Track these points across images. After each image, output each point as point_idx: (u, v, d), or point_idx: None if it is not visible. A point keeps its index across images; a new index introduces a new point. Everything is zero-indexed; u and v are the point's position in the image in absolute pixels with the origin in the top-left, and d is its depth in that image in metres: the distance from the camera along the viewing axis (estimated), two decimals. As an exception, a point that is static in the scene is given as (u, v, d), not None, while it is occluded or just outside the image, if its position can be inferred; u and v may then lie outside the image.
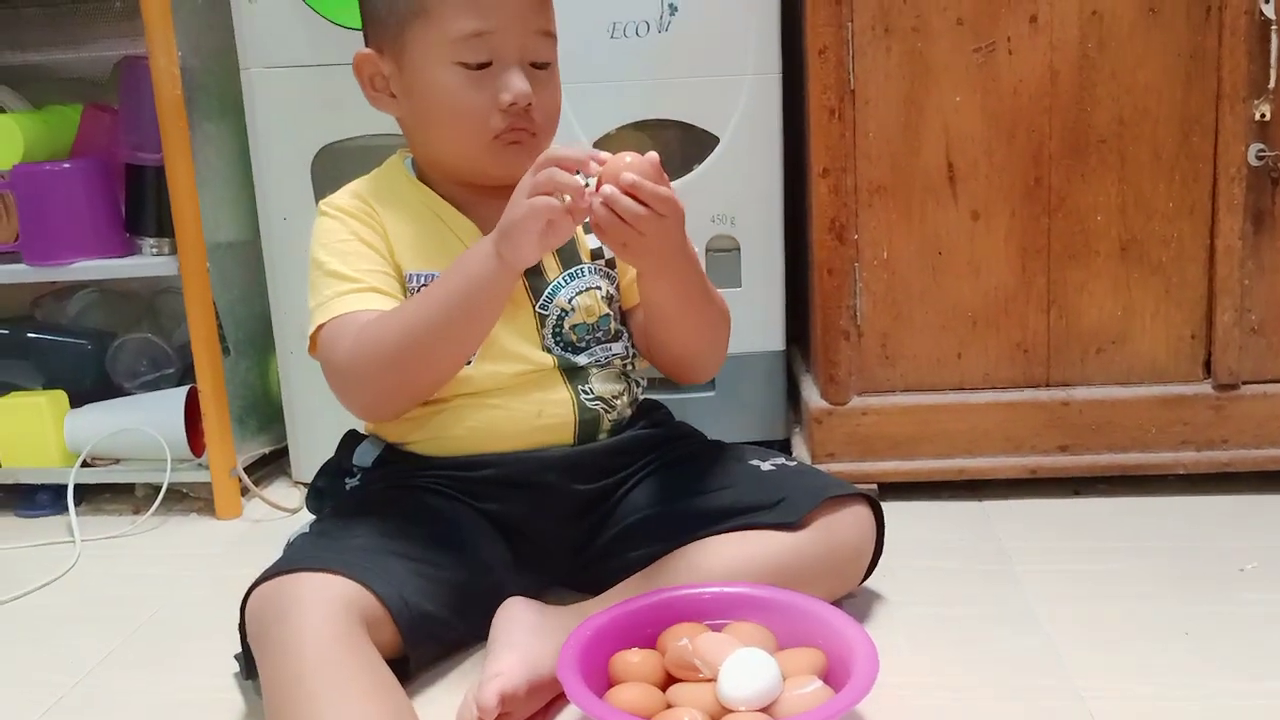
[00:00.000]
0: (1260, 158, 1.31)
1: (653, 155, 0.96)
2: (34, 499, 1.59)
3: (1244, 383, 1.37)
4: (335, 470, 1.19)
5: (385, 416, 1.12)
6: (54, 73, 1.79)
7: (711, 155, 1.48)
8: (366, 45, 1.11)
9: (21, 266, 1.56)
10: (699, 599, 0.99)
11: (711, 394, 1.54)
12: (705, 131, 1.47)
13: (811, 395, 1.45)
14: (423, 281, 1.08)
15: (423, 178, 1.14)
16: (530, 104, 1.05)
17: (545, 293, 1.11)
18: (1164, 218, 1.35)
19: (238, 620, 0.97)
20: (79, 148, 1.63)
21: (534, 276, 1.10)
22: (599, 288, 1.14)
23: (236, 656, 1.01)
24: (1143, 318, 1.37)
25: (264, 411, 1.67)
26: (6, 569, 1.38)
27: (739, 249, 1.50)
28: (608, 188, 0.94)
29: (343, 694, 0.84)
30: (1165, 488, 1.39)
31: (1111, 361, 1.39)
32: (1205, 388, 1.37)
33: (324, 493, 1.19)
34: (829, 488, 1.08)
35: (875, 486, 1.39)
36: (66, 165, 1.56)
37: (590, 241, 1.15)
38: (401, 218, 1.10)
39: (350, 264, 1.07)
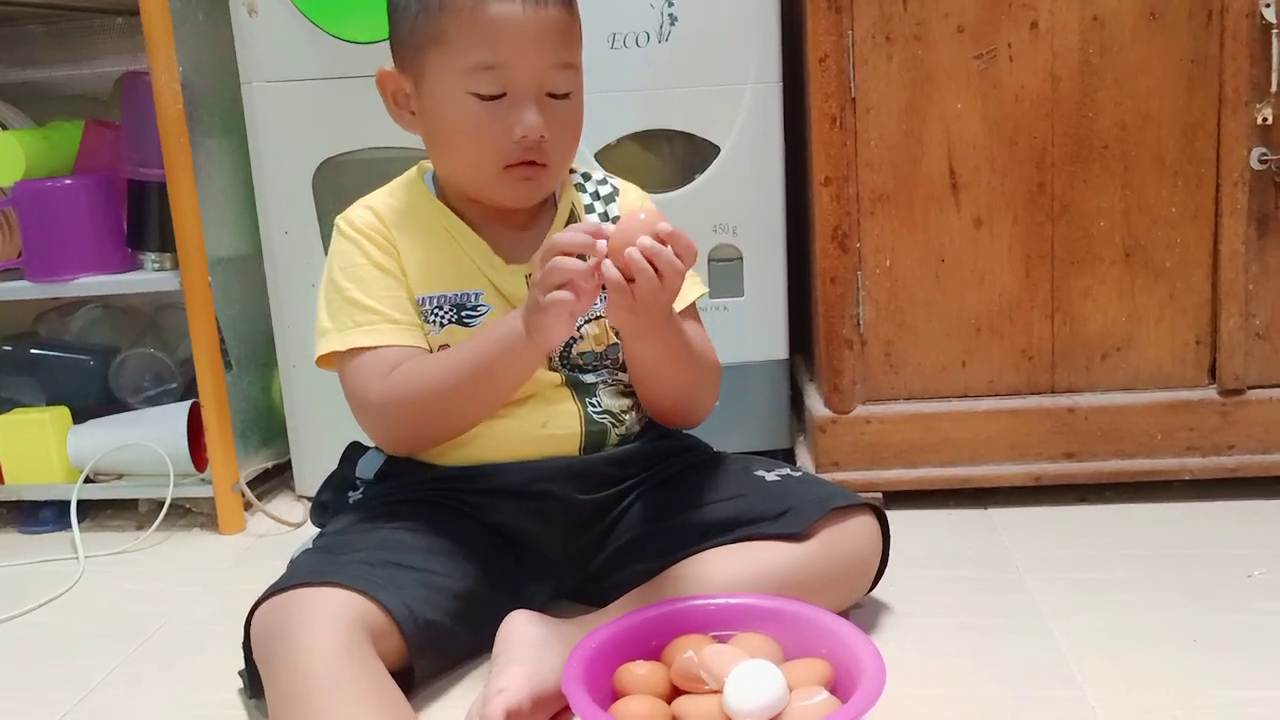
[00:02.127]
0: (1263, 161, 1.31)
1: (659, 216, 0.94)
2: (37, 515, 1.58)
3: (1250, 388, 1.36)
4: (339, 483, 1.19)
5: (411, 452, 1.13)
6: (56, 89, 1.80)
7: (713, 165, 1.48)
8: (393, 61, 1.11)
9: (24, 283, 1.56)
10: (704, 610, 0.98)
11: (715, 403, 1.53)
12: (706, 141, 1.47)
13: (815, 404, 1.44)
14: (435, 304, 1.09)
15: (441, 193, 1.14)
16: (542, 136, 1.04)
17: None
18: (1167, 223, 1.34)
19: (242, 638, 0.97)
20: (81, 164, 1.63)
21: None
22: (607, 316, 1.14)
23: (240, 673, 1.01)
24: (1147, 323, 1.37)
25: (267, 426, 1.66)
26: (10, 586, 1.38)
27: (741, 258, 1.49)
28: (645, 240, 0.92)
29: (349, 709, 0.84)
30: (1172, 494, 1.38)
31: (1117, 367, 1.38)
32: (1211, 393, 1.37)
33: (328, 506, 1.19)
34: (834, 498, 1.07)
35: (880, 495, 1.38)
36: (69, 182, 1.56)
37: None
38: (416, 239, 1.11)
39: (368, 290, 1.08)
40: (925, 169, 1.35)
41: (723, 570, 1.02)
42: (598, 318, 1.13)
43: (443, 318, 1.09)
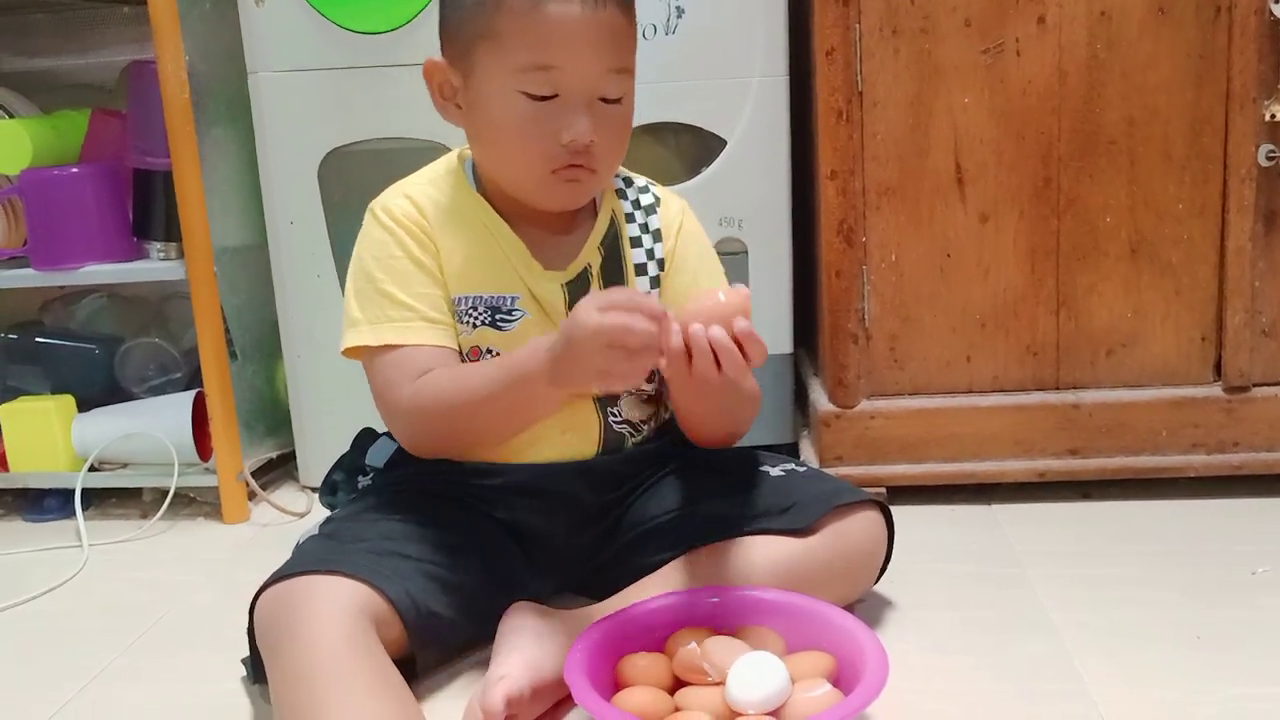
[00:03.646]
0: (1270, 158, 1.30)
1: (738, 304, 0.91)
2: (42, 503, 1.59)
3: (1255, 385, 1.36)
4: (350, 466, 1.19)
5: (434, 456, 1.10)
6: (62, 78, 1.80)
7: (719, 158, 1.47)
8: (441, 52, 1.07)
9: (30, 271, 1.57)
10: (707, 602, 0.98)
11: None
12: (712, 134, 1.47)
13: (819, 398, 1.44)
14: (469, 304, 1.07)
15: (481, 185, 1.11)
16: (591, 141, 1.01)
17: None
18: (1174, 219, 1.34)
19: (246, 624, 0.97)
20: (87, 153, 1.63)
21: None
22: None
23: (244, 661, 1.01)
24: (1153, 319, 1.37)
25: (271, 416, 1.66)
26: (14, 573, 1.38)
27: (747, 252, 1.49)
28: (717, 331, 0.90)
29: (351, 696, 0.84)
30: (1176, 491, 1.38)
31: (1122, 364, 1.38)
32: (1216, 390, 1.37)
33: (338, 487, 1.19)
34: (840, 494, 1.07)
35: (884, 490, 1.38)
36: (75, 170, 1.56)
37: (639, 284, 1.12)
38: (455, 237, 1.07)
39: (403, 286, 1.06)
40: (931, 163, 1.35)
41: (728, 565, 1.02)
42: None
43: (476, 319, 1.07)
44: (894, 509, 1.12)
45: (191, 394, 1.56)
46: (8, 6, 1.75)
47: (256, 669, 0.96)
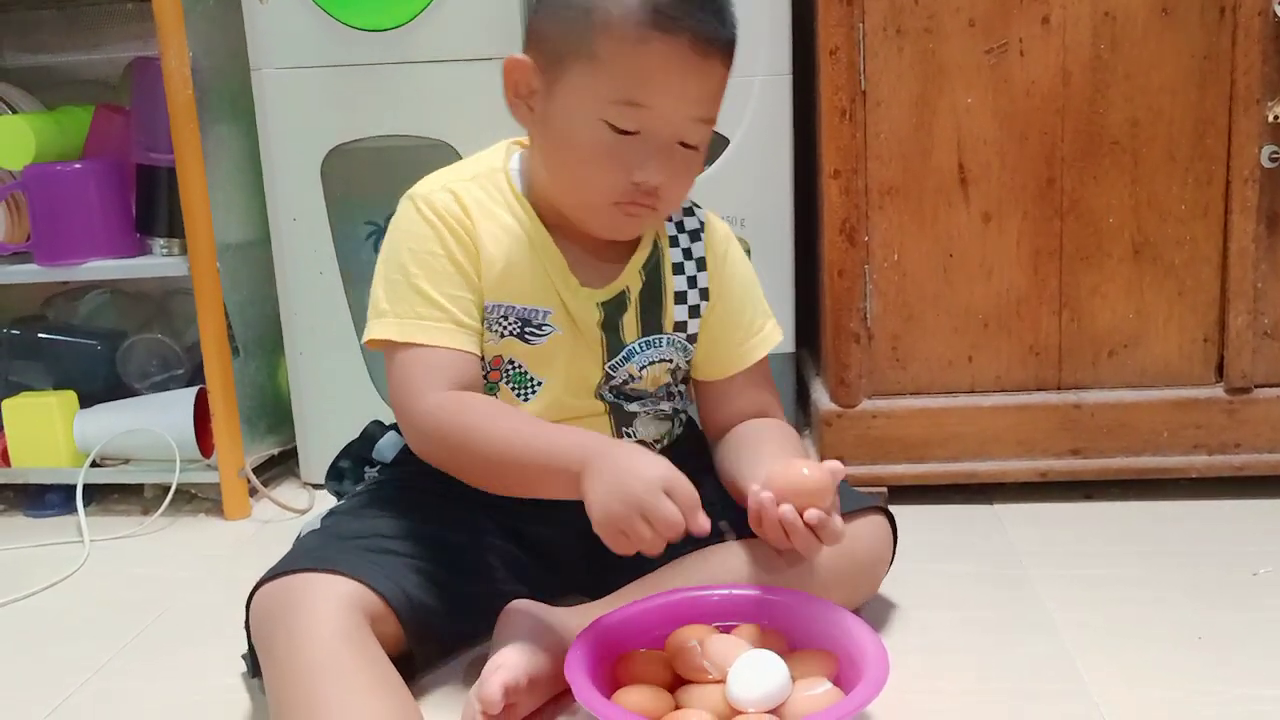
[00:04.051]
0: (1274, 159, 1.30)
1: (819, 489, 0.91)
2: (43, 499, 1.59)
3: (1257, 386, 1.36)
4: (357, 454, 1.19)
5: (436, 466, 1.07)
6: (66, 74, 1.80)
7: (722, 156, 1.47)
8: (524, 50, 1.03)
9: (33, 266, 1.57)
10: (708, 600, 0.98)
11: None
12: (716, 133, 1.46)
13: (821, 398, 1.44)
14: (500, 313, 1.04)
15: (526, 188, 1.07)
16: (660, 184, 0.99)
17: (620, 354, 1.08)
18: (1177, 220, 1.34)
19: (243, 619, 0.97)
20: (91, 148, 1.63)
21: (611, 334, 1.07)
22: (671, 360, 1.11)
23: (244, 656, 1.01)
24: (1155, 320, 1.37)
25: (273, 412, 1.66)
26: (15, 569, 1.38)
27: (749, 251, 1.49)
28: (787, 510, 0.90)
29: (347, 692, 0.84)
30: (1178, 492, 1.38)
31: (1124, 364, 1.38)
32: (1218, 391, 1.37)
33: (345, 474, 1.19)
34: (847, 501, 1.06)
35: (885, 490, 1.38)
36: (78, 166, 1.56)
37: (677, 313, 1.10)
38: (496, 242, 1.04)
39: (437, 285, 1.02)
40: (935, 163, 1.35)
41: (730, 567, 1.02)
42: (662, 361, 1.10)
43: (505, 329, 1.04)
44: (895, 508, 1.12)
45: (193, 390, 1.56)
46: (13, 2, 1.75)
47: (255, 664, 0.96)
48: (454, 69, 1.48)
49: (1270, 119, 1.29)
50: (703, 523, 0.87)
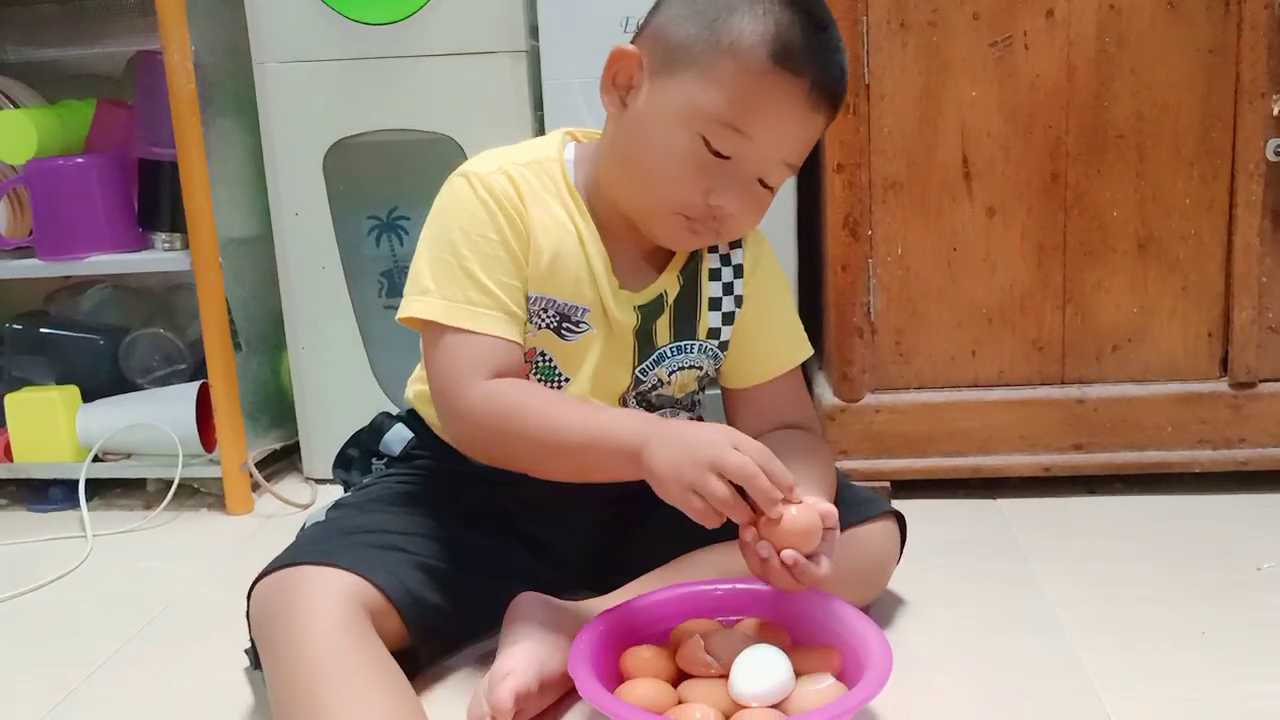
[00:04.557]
0: (1279, 153, 1.30)
1: (815, 517, 0.88)
2: (46, 494, 1.59)
3: (1261, 381, 1.36)
4: (365, 445, 1.18)
5: (471, 455, 1.07)
6: (69, 68, 1.79)
7: (725, 151, 1.47)
8: (634, 42, 1.00)
9: (35, 261, 1.57)
10: (711, 595, 0.98)
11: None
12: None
13: (824, 393, 1.44)
14: (541, 305, 1.02)
15: (581, 180, 1.05)
16: (733, 213, 0.99)
17: (651, 359, 1.07)
18: (1182, 214, 1.33)
19: (245, 610, 0.97)
20: (93, 143, 1.63)
21: (644, 338, 1.06)
22: (700, 367, 1.10)
23: (247, 651, 1.01)
24: (1160, 315, 1.36)
25: (276, 407, 1.66)
26: (19, 563, 1.38)
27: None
28: (763, 548, 0.88)
29: (348, 687, 0.84)
30: (1181, 487, 1.37)
31: (1128, 359, 1.38)
32: (1222, 386, 1.36)
33: (353, 463, 1.19)
34: (863, 508, 1.06)
35: (888, 485, 1.38)
36: (80, 160, 1.56)
37: (711, 319, 1.09)
38: (547, 233, 1.01)
39: (490, 271, 0.99)
40: (939, 157, 1.34)
41: (736, 563, 1.01)
42: (692, 368, 1.09)
43: (544, 321, 1.03)
44: (899, 503, 1.11)
45: (196, 385, 1.56)
46: (15, -3, 1.75)
47: (258, 658, 0.96)
48: (457, 63, 1.48)
49: (1276, 113, 1.29)
50: (779, 470, 0.86)
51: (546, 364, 1.05)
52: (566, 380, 1.05)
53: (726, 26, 0.94)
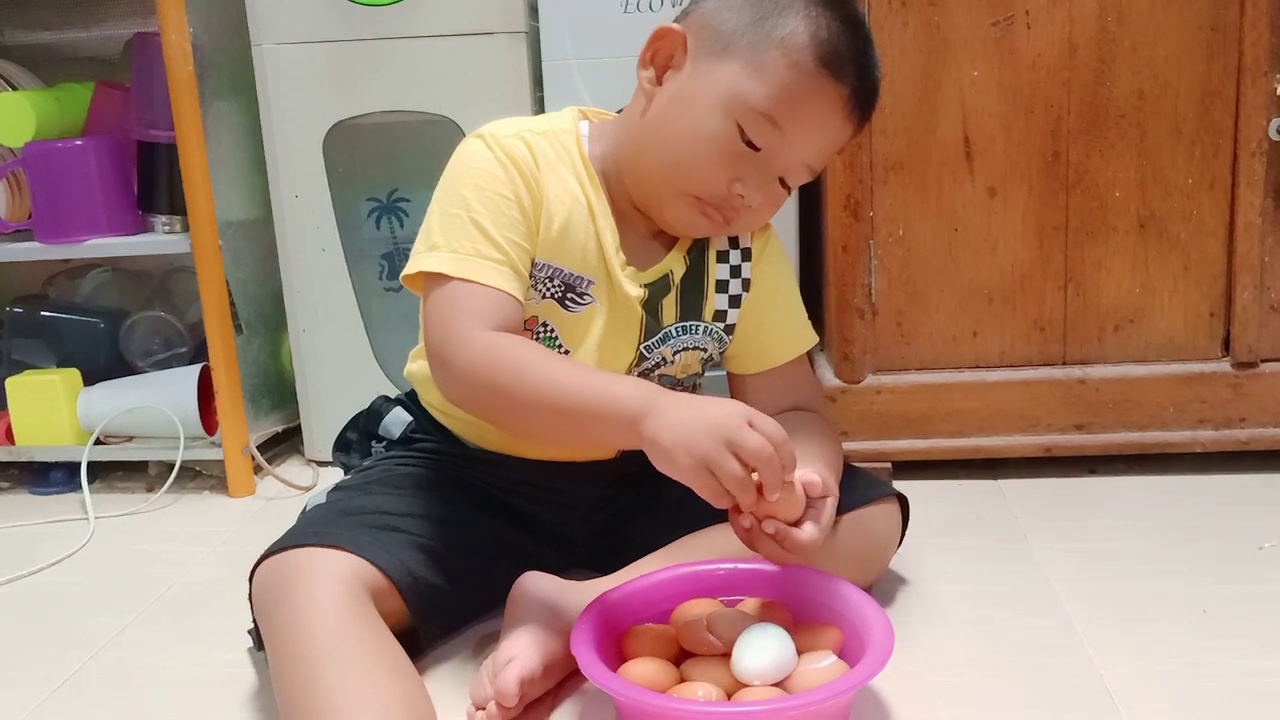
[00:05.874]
0: (1281, 132, 1.29)
1: (796, 499, 0.89)
2: (48, 477, 1.59)
3: (1263, 360, 1.36)
4: (364, 428, 1.18)
5: (465, 410, 1.04)
6: (66, 51, 1.79)
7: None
8: (679, 21, 1.01)
9: (34, 244, 1.56)
10: (714, 574, 0.98)
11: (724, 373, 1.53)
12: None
13: (825, 373, 1.44)
14: (548, 273, 1.01)
15: (596, 155, 1.05)
16: (749, 206, 0.99)
17: (656, 336, 1.07)
18: (1183, 193, 1.33)
19: (247, 592, 0.98)
20: (91, 125, 1.62)
21: (651, 317, 1.06)
22: (704, 349, 1.10)
23: (250, 632, 1.01)
24: (1161, 295, 1.36)
25: (276, 390, 1.66)
26: (20, 546, 1.39)
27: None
28: (745, 521, 0.89)
29: (349, 667, 0.84)
30: (1182, 466, 1.37)
31: (1129, 339, 1.37)
32: (1224, 366, 1.36)
33: (352, 446, 1.19)
34: (866, 491, 1.06)
35: (890, 465, 1.38)
36: (79, 143, 1.55)
37: (718, 301, 1.09)
38: (558, 199, 1.01)
39: (500, 227, 0.98)
40: (940, 136, 1.34)
41: (738, 543, 1.01)
42: (694, 348, 1.10)
43: (548, 290, 1.02)
44: (900, 484, 1.12)
45: (197, 368, 1.56)
46: (11, -21, 1.74)
47: (260, 639, 0.96)
48: (456, 44, 1.48)
49: (1278, 91, 1.28)
50: (789, 453, 0.85)
51: (548, 334, 1.05)
52: (567, 353, 1.04)
53: (778, 23, 0.95)
